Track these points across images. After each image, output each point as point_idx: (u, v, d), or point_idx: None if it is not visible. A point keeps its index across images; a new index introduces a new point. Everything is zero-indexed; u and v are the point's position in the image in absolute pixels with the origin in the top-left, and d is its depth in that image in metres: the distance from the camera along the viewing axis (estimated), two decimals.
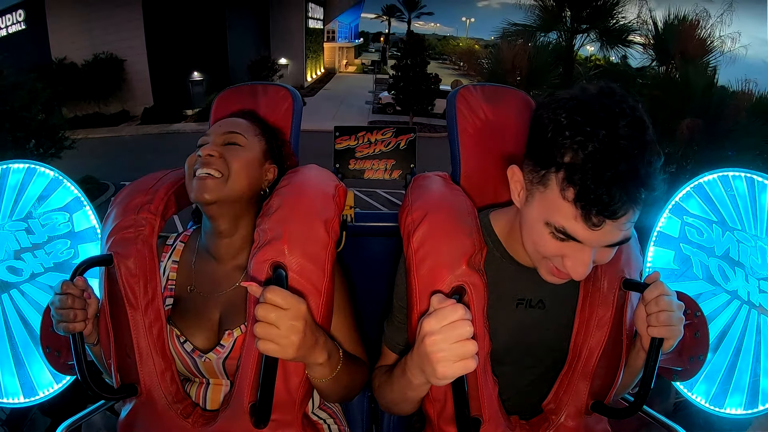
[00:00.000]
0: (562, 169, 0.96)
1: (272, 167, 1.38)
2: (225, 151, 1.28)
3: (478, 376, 1.14)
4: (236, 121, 1.37)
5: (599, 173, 0.92)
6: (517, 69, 7.92)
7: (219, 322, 1.29)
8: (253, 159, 1.32)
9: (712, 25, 7.58)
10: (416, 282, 1.17)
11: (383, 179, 1.93)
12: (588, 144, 0.93)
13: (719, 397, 1.65)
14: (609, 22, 8.51)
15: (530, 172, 1.04)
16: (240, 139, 1.32)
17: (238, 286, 1.29)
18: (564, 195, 0.96)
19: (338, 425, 1.43)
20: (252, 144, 1.34)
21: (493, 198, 1.45)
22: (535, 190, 1.04)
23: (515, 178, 1.10)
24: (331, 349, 1.16)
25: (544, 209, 1.02)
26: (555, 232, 1.01)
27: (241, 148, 1.31)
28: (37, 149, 9.58)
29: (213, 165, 1.25)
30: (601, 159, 0.92)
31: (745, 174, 1.65)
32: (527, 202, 1.07)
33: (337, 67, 40.33)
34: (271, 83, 1.55)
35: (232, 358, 1.24)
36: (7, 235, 1.72)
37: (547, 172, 0.99)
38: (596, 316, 1.20)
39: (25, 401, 1.72)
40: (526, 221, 1.09)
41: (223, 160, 1.27)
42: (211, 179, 1.24)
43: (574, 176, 0.94)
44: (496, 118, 1.49)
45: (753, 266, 1.62)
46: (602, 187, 0.92)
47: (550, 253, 1.06)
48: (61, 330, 1.17)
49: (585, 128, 0.94)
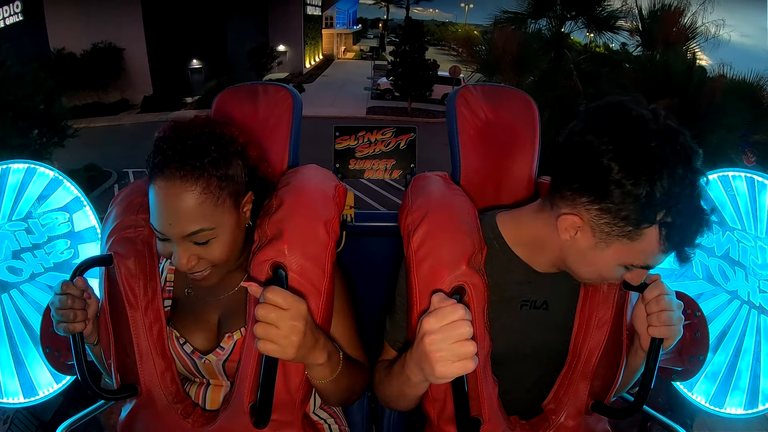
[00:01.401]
0: (663, 228, 1.00)
1: (248, 195, 1.23)
2: (199, 252, 1.15)
3: (478, 376, 1.14)
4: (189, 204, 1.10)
5: (689, 230, 1.00)
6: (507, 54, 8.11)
7: (218, 325, 1.28)
8: (230, 231, 1.18)
9: (695, 12, 7.78)
10: (416, 282, 1.17)
11: (383, 179, 1.92)
12: (678, 203, 0.97)
13: (719, 397, 1.66)
14: (596, 9, 8.68)
15: (606, 224, 1.03)
16: (206, 235, 1.14)
17: (238, 289, 1.28)
18: (663, 249, 1.02)
19: (339, 425, 1.43)
20: (220, 219, 1.15)
21: (493, 198, 1.45)
22: (613, 240, 1.04)
23: (574, 225, 1.07)
24: (331, 351, 1.16)
25: (626, 256, 1.05)
26: (632, 267, 1.07)
27: (214, 240, 1.15)
28: (41, 138, 9.58)
29: (197, 269, 1.17)
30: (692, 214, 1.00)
31: (745, 174, 1.65)
32: (597, 246, 1.06)
33: (336, 53, 40.14)
34: (270, 83, 1.53)
35: (232, 360, 1.24)
36: (7, 235, 1.72)
37: (637, 228, 1.01)
38: (596, 316, 1.20)
39: (25, 401, 1.73)
40: (592, 259, 1.09)
41: (203, 261, 1.17)
42: (202, 275, 1.19)
43: (674, 237, 1.00)
44: (496, 118, 1.48)
45: (753, 266, 1.63)
46: (696, 236, 1.01)
47: (614, 278, 1.13)
48: (61, 330, 1.17)
49: (674, 189, 0.96)
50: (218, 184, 1.13)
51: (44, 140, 9.62)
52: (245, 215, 1.22)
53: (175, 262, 1.14)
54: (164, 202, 1.10)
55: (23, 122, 9.09)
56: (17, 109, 8.92)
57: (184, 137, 1.13)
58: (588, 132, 1.01)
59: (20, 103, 8.97)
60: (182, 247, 1.13)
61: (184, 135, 1.13)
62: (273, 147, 1.47)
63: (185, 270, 1.16)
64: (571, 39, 9.27)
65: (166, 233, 1.12)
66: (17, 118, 8.94)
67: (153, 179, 1.12)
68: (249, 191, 1.22)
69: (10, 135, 8.70)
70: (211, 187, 1.11)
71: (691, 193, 0.97)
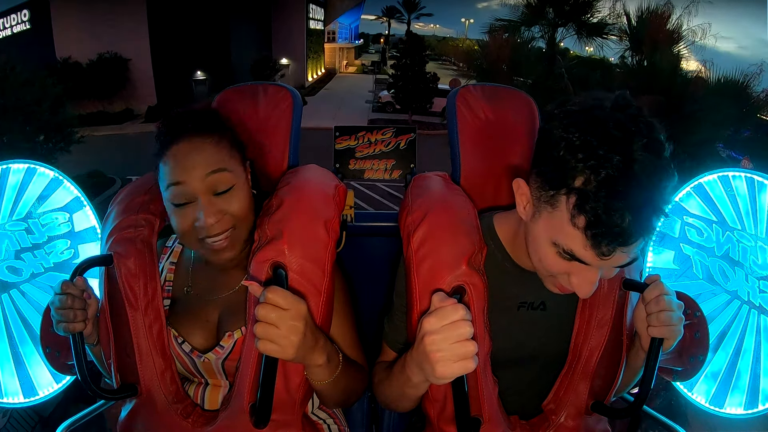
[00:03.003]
0: (573, 194, 0.92)
1: (247, 164, 1.29)
2: (221, 204, 1.17)
3: (478, 376, 1.14)
4: (207, 150, 1.18)
5: (612, 203, 0.88)
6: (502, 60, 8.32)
7: (218, 324, 1.28)
8: (245, 184, 1.24)
9: (680, 16, 8.15)
10: (416, 282, 1.17)
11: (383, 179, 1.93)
12: (601, 170, 0.89)
13: (719, 397, 1.65)
14: (585, 16, 9.08)
15: (538, 188, 1.01)
16: (227, 178, 1.18)
17: (238, 288, 1.28)
18: (574, 222, 0.93)
19: (338, 425, 1.43)
20: (236, 167, 1.22)
21: (493, 198, 1.45)
22: (543, 208, 1.00)
23: (521, 191, 1.07)
24: (331, 352, 1.16)
25: (551, 229, 0.99)
26: (562, 252, 0.98)
27: (233, 189, 1.19)
28: (47, 143, 9.67)
29: (218, 228, 1.17)
30: (614, 187, 0.88)
31: (745, 174, 1.65)
32: (534, 218, 1.04)
33: (338, 67, 40.45)
34: (270, 83, 1.54)
35: (231, 360, 1.24)
36: (7, 235, 1.72)
37: (556, 194, 0.96)
38: (596, 316, 1.20)
39: (25, 401, 1.72)
40: (532, 236, 1.06)
41: (227, 217, 1.18)
42: (224, 241, 1.19)
43: (585, 205, 0.90)
44: (497, 118, 1.48)
45: (753, 266, 1.62)
46: (615, 218, 0.88)
47: (556, 271, 1.04)
48: (61, 330, 1.17)
49: (598, 151, 0.89)
50: (229, 139, 1.23)
51: (50, 145, 9.70)
52: (249, 182, 1.27)
53: (201, 220, 1.15)
54: (185, 155, 1.16)
55: (30, 127, 9.21)
56: (25, 113, 9.02)
57: (191, 112, 1.23)
58: (553, 119, 0.99)
59: (28, 108, 9.07)
60: (206, 200, 1.16)
61: (189, 111, 1.24)
62: (273, 147, 1.47)
63: (211, 229, 1.16)
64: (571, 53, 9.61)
65: (187, 183, 1.15)
66: (25, 123, 9.05)
67: (167, 147, 1.17)
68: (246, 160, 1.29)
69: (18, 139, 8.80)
70: (223, 141, 1.21)
71: (621, 172, 0.87)
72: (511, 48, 8.56)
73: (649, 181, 0.89)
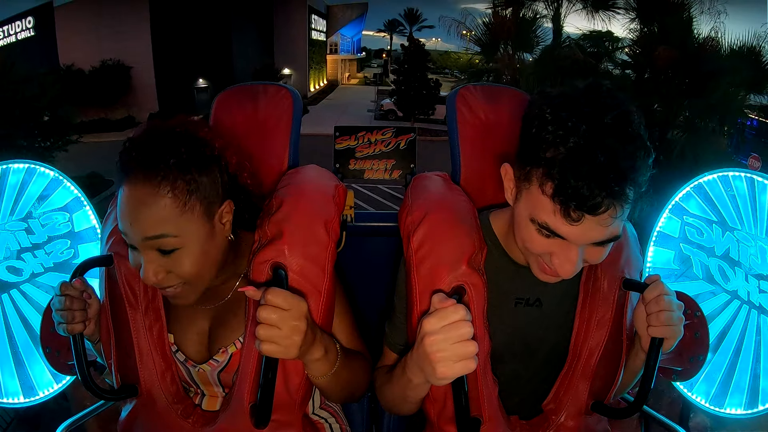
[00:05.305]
0: (543, 164, 0.96)
1: (226, 205, 1.14)
2: (167, 265, 1.07)
3: (478, 376, 1.14)
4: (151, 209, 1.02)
5: (577, 167, 0.91)
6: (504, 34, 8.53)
7: (210, 335, 1.26)
8: (199, 242, 1.09)
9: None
10: (416, 282, 1.17)
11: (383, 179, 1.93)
12: (569, 138, 0.92)
13: (719, 397, 1.65)
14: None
15: (518, 169, 1.04)
16: (169, 242, 1.05)
17: (230, 297, 1.26)
18: (543, 190, 0.97)
19: (339, 424, 1.43)
20: (186, 227, 1.06)
21: (493, 198, 1.45)
22: (522, 187, 1.04)
23: (507, 176, 1.10)
24: (328, 344, 1.15)
25: (529, 206, 1.02)
26: (540, 228, 1.01)
27: (181, 251, 1.07)
28: (45, 141, 9.71)
29: (163, 284, 1.09)
30: (580, 153, 0.91)
31: (746, 174, 1.65)
32: (517, 199, 1.07)
33: (340, 79, 40.69)
34: (271, 83, 1.54)
35: (227, 372, 1.23)
36: (7, 235, 1.72)
37: (531, 169, 1.00)
38: (596, 316, 1.20)
39: (25, 401, 1.72)
40: (516, 219, 1.09)
41: (171, 275, 1.09)
42: (174, 291, 1.11)
43: (552, 171, 0.94)
44: (496, 118, 1.48)
45: (753, 266, 1.62)
46: (580, 181, 0.91)
47: (538, 251, 1.06)
48: (61, 331, 1.17)
49: (567, 123, 0.93)
50: (186, 188, 1.05)
51: (48, 143, 9.73)
52: (223, 227, 1.14)
53: (142, 274, 1.06)
54: (127, 202, 1.03)
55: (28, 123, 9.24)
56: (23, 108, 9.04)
57: (153, 137, 1.06)
58: (532, 104, 1.03)
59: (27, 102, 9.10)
60: (147, 256, 1.05)
61: (153, 135, 1.07)
62: (273, 147, 1.47)
63: (152, 284, 1.07)
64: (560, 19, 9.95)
65: (129, 236, 1.05)
66: (23, 118, 9.07)
67: (121, 181, 1.06)
68: (227, 200, 1.14)
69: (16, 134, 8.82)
70: (176, 191, 1.04)
71: (588, 139, 0.91)
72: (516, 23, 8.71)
73: (616, 147, 0.91)
